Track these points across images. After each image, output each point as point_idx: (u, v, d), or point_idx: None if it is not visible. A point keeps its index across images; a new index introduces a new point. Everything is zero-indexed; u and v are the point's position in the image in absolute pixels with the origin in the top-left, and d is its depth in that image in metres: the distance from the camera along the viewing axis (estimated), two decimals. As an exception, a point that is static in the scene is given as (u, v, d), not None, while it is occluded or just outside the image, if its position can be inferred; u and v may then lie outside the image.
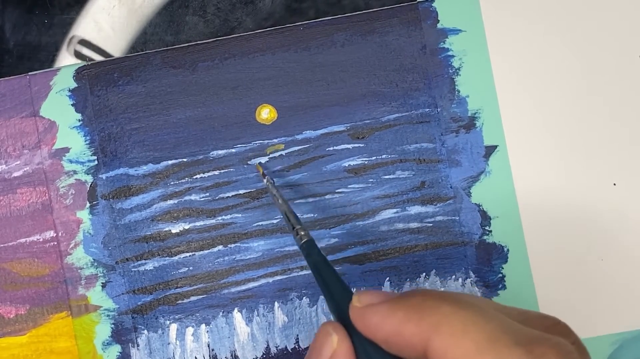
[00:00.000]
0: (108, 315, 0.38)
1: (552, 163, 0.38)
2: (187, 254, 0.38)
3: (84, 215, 0.38)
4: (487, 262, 0.38)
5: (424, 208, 0.38)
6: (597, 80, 0.39)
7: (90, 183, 0.38)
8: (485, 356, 0.23)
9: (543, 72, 0.39)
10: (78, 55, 0.37)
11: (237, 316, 0.38)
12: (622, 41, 0.39)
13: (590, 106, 0.39)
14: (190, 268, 0.38)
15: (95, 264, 0.38)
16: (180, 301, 0.38)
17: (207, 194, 0.38)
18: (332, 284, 0.29)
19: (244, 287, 0.38)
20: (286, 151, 0.38)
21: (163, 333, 0.38)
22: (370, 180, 0.38)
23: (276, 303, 0.38)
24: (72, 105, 0.38)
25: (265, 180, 0.37)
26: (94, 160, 0.38)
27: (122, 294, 0.38)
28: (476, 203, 0.38)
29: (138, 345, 0.38)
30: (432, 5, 0.38)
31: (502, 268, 0.38)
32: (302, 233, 0.32)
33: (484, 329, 0.23)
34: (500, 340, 0.23)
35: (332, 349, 0.26)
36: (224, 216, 0.38)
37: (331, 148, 0.38)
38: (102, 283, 0.38)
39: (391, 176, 0.38)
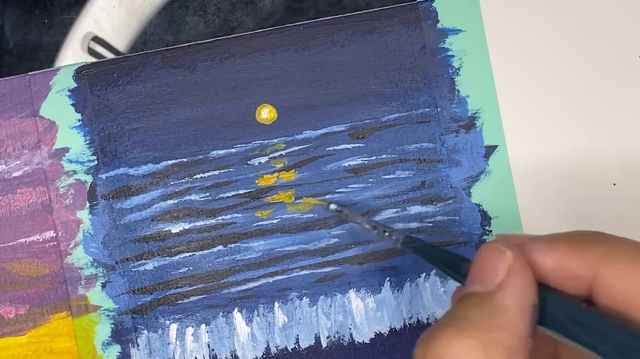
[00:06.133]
0: (108, 315, 0.38)
1: (552, 163, 0.38)
2: (187, 254, 0.38)
3: (83, 215, 0.38)
4: (487, 262, 0.38)
5: (424, 208, 0.38)
6: (597, 80, 0.39)
7: (90, 183, 0.38)
8: None
9: (543, 72, 0.39)
10: (92, 52, 0.37)
11: (237, 316, 0.38)
12: (622, 41, 0.39)
13: (590, 106, 0.39)
14: (190, 268, 0.38)
15: (95, 264, 0.38)
16: (180, 301, 0.38)
17: (207, 194, 0.38)
18: (451, 255, 0.29)
19: (244, 287, 0.38)
20: (286, 151, 0.38)
21: (163, 333, 0.38)
22: (370, 180, 0.38)
23: (276, 303, 0.38)
24: (72, 105, 0.38)
25: (349, 216, 0.37)
26: (94, 160, 0.38)
27: (122, 294, 0.38)
28: (476, 203, 0.38)
29: (138, 345, 0.38)
30: (432, 5, 0.38)
31: (502, 268, 0.38)
32: (395, 234, 0.33)
33: None
34: None
35: (508, 265, 0.23)
36: (224, 216, 0.38)
37: (331, 148, 0.38)
38: (102, 283, 0.38)
39: (391, 176, 0.38)
